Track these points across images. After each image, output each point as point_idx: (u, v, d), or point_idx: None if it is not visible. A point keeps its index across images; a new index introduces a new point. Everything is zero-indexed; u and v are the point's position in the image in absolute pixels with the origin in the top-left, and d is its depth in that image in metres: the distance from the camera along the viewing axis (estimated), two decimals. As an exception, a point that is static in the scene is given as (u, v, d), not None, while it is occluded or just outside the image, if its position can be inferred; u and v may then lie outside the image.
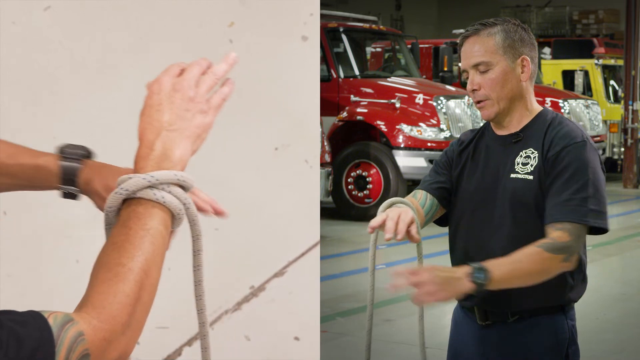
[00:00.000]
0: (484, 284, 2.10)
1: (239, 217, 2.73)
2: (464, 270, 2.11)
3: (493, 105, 2.32)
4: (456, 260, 2.43)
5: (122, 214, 1.24)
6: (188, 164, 1.28)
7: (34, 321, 1.07)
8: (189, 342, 2.71)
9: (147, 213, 1.22)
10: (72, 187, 1.49)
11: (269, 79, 2.81)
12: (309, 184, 2.86)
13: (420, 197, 2.41)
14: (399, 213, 2.16)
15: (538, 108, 2.39)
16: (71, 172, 1.49)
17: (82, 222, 2.57)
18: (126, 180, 1.23)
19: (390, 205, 2.24)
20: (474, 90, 2.33)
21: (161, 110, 1.27)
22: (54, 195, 1.50)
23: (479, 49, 2.31)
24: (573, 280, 2.32)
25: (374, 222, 2.15)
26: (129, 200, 1.24)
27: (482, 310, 2.38)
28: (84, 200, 1.50)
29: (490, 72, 2.30)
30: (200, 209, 1.40)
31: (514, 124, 2.36)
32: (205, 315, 1.37)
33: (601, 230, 2.27)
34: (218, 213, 1.47)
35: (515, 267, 2.17)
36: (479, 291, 2.10)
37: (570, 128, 2.31)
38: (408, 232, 2.16)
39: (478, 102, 2.34)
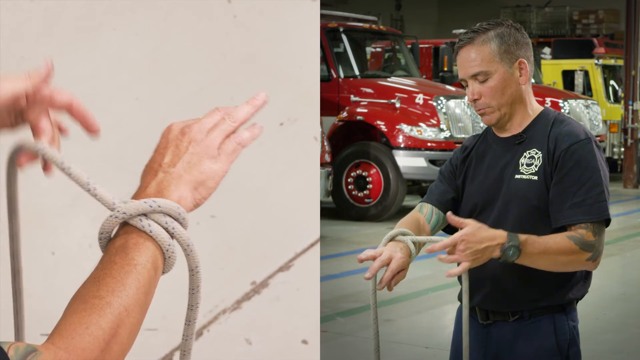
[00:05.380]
0: (510, 261, 2.14)
1: (238, 201, 2.46)
2: (500, 240, 2.12)
3: (494, 112, 2.32)
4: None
5: (109, 247, 1.14)
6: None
7: None
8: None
9: (137, 247, 1.13)
10: None
11: (272, 41, 2.51)
12: (316, 163, 2.60)
13: (427, 212, 2.41)
14: (390, 256, 2.15)
15: (539, 108, 2.39)
16: None
17: (58, 208, 2.34)
18: (126, 203, 1.14)
19: (393, 238, 2.22)
20: (475, 100, 2.32)
21: (163, 153, 1.20)
22: (27, 179, 1.35)
23: (475, 58, 2.29)
24: (574, 279, 2.32)
25: (364, 255, 2.14)
26: (121, 230, 1.15)
27: (484, 309, 2.38)
28: (61, 185, 1.35)
29: (489, 80, 2.29)
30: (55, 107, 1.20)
31: (516, 126, 2.35)
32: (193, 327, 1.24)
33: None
34: (88, 129, 1.24)
35: (545, 252, 2.17)
36: (503, 260, 2.13)
37: (573, 126, 2.31)
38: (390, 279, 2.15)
39: (479, 110, 2.33)
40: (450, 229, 2.48)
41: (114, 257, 1.11)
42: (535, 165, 2.29)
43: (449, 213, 2.19)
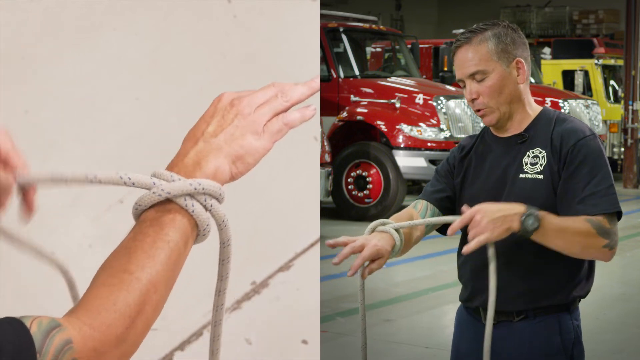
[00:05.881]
0: (529, 231, 2.12)
1: (238, 200, 2.40)
2: (518, 210, 2.12)
3: (493, 112, 2.32)
4: (463, 264, 2.43)
5: (144, 216, 1.11)
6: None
7: (10, 327, 0.94)
8: (180, 346, 2.42)
9: (173, 223, 1.10)
10: None
11: (272, 41, 2.49)
12: (316, 163, 2.59)
13: (421, 209, 2.40)
14: (364, 244, 2.13)
15: (538, 108, 2.39)
16: None
17: (58, 208, 2.31)
18: (168, 181, 1.12)
19: (374, 230, 2.21)
20: (473, 100, 2.32)
21: (209, 122, 1.18)
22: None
23: (473, 58, 2.30)
24: (577, 277, 2.32)
25: (334, 240, 2.13)
26: (158, 204, 1.12)
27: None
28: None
29: (487, 79, 2.29)
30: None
31: (516, 126, 2.36)
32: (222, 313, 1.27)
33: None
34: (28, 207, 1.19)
35: (563, 230, 2.16)
36: (522, 232, 2.12)
37: (576, 124, 2.32)
38: (365, 267, 2.14)
39: (478, 110, 2.33)
40: (444, 230, 2.47)
41: (148, 229, 1.09)
42: (540, 165, 2.29)
43: (464, 206, 2.16)
